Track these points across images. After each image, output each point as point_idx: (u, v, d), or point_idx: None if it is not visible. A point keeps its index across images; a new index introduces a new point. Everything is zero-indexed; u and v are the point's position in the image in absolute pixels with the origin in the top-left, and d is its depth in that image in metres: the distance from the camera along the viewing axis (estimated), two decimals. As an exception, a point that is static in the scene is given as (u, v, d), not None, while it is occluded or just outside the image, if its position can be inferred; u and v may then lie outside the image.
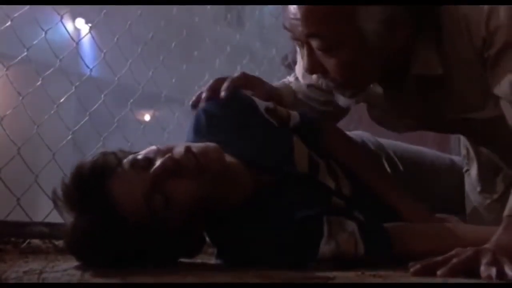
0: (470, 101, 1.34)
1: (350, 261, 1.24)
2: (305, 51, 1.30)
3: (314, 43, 1.26)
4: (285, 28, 1.30)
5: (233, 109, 1.45)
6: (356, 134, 1.71)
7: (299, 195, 1.30)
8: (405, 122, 1.52)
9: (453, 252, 1.04)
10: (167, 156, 1.19)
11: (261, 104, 1.48)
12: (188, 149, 1.20)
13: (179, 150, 1.21)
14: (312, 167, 1.41)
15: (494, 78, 1.24)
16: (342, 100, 1.44)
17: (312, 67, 1.31)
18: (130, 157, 1.22)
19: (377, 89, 1.47)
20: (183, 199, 1.18)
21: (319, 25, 1.24)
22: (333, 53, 1.26)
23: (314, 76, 1.40)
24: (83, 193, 1.17)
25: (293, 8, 1.25)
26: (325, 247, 1.22)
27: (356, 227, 1.27)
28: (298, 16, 1.24)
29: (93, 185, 1.17)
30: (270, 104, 1.50)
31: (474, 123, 1.39)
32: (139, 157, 1.21)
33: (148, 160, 1.20)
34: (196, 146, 1.23)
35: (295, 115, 1.52)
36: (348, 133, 1.64)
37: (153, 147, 1.25)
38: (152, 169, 1.18)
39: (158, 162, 1.19)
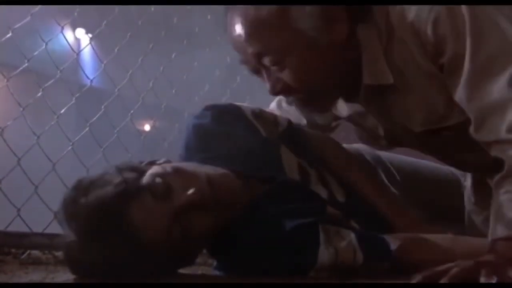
0: (434, 109, 1.33)
1: (349, 271, 1.24)
2: (264, 75, 1.32)
3: (266, 61, 1.27)
4: (242, 62, 1.33)
5: (222, 123, 1.45)
6: (353, 146, 1.71)
7: (293, 203, 1.29)
8: (380, 141, 1.54)
9: (453, 264, 1.04)
10: (191, 191, 1.19)
11: (248, 109, 1.49)
12: (209, 182, 1.22)
13: (200, 181, 1.21)
14: (303, 176, 1.41)
15: (452, 86, 1.23)
16: (320, 119, 1.48)
17: (275, 86, 1.32)
18: (148, 179, 1.21)
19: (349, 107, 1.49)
20: (200, 231, 1.20)
21: (262, 41, 1.26)
22: (285, 63, 1.27)
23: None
24: (104, 222, 1.14)
25: (232, 35, 1.29)
26: (324, 254, 1.22)
27: (354, 236, 1.27)
28: (241, 41, 1.27)
29: (114, 215, 1.14)
30: (256, 109, 1.50)
31: (448, 139, 1.38)
32: (158, 180, 1.20)
33: (168, 187, 1.19)
34: (215, 176, 1.24)
35: (283, 120, 1.52)
36: (346, 145, 1.64)
37: (169, 169, 1.24)
38: (176, 203, 1.18)
39: (180, 194, 1.19)
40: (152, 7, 3.25)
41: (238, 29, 1.27)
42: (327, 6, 1.26)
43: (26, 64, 2.32)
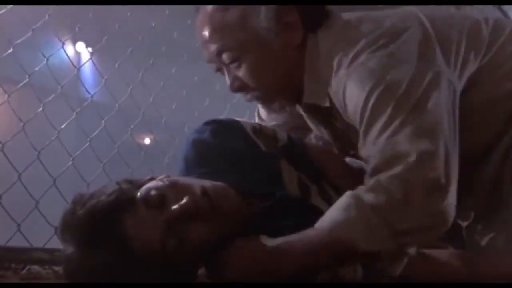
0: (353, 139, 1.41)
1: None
2: (225, 72, 1.43)
3: (225, 58, 1.38)
4: (207, 61, 1.44)
5: (221, 137, 1.45)
6: (355, 160, 1.71)
7: (293, 219, 1.29)
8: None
9: None
10: (185, 200, 1.19)
11: (248, 125, 1.49)
12: (204, 192, 1.21)
13: (195, 192, 1.21)
14: (303, 190, 1.42)
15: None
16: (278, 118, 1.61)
17: (233, 83, 1.43)
18: (143, 191, 1.21)
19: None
20: (196, 242, 1.19)
21: (222, 39, 1.37)
22: (241, 60, 1.38)
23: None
24: (98, 230, 1.15)
25: (199, 35, 1.41)
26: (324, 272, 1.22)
27: None
28: (205, 39, 1.39)
29: (108, 222, 1.15)
30: (256, 125, 1.51)
31: None
32: (153, 193, 1.21)
33: (162, 198, 1.20)
34: (211, 187, 1.24)
35: (282, 135, 1.53)
36: (347, 159, 1.64)
37: (166, 181, 1.24)
38: (169, 212, 1.18)
39: (173, 203, 1.19)
40: (153, 22, 3.27)
41: (203, 29, 1.39)
42: (283, 10, 1.36)
43: (27, 79, 2.33)
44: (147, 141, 5.06)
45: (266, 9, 1.36)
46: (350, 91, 1.29)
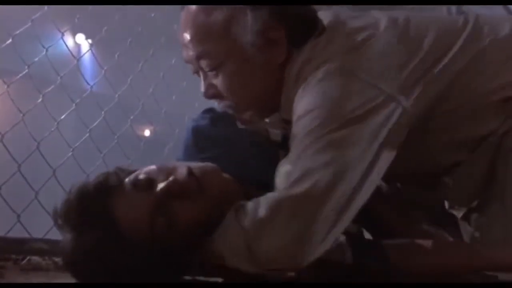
0: None
1: (340, 272, 1.23)
2: (201, 77, 1.36)
3: (203, 65, 1.31)
4: (185, 61, 1.37)
5: (221, 126, 1.46)
6: None
7: None
8: None
9: None
10: (171, 179, 1.20)
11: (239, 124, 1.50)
12: (190, 172, 1.22)
13: (181, 172, 1.22)
14: None
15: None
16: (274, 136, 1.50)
17: (207, 90, 1.36)
18: (132, 176, 1.23)
19: None
20: (185, 221, 1.19)
21: (202, 44, 1.30)
22: (220, 70, 1.31)
23: None
24: (86, 212, 1.17)
25: (181, 35, 1.33)
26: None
27: (344, 238, 1.27)
28: (186, 41, 1.32)
29: (96, 204, 1.17)
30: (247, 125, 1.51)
31: None
32: (141, 176, 1.22)
33: (150, 181, 1.21)
34: (197, 167, 1.25)
35: (276, 133, 1.52)
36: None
37: (153, 167, 1.26)
38: (156, 192, 1.19)
39: (160, 184, 1.20)
40: (153, 13, 3.26)
41: (185, 30, 1.32)
42: (269, 26, 1.29)
43: (26, 70, 2.33)
44: (147, 132, 5.06)
45: (252, 21, 1.30)
46: (297, 107, 1.26)
